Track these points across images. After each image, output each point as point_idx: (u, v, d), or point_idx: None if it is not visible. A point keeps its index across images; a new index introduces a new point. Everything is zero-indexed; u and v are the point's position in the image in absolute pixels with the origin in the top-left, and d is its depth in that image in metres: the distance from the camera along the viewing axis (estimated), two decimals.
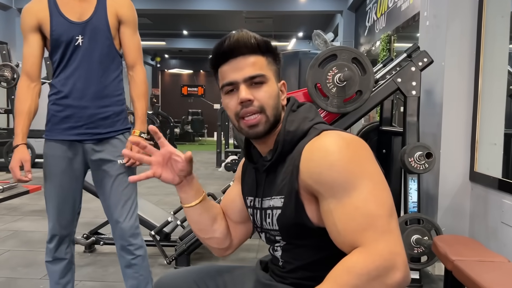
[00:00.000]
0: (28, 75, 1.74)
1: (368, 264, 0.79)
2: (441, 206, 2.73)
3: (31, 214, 4.13)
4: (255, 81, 0.97)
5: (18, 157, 1.69)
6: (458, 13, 2.68)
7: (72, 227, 1.85)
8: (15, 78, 5.42)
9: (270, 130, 1.00)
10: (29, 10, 1.71)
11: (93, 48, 1.69)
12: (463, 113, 2.70)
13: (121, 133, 1.78)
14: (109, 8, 1.72)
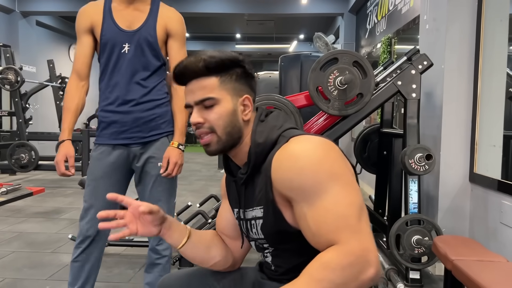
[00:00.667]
0: (78, 74, 1.81)
1: (343, 259, 0.82)
2: (442, 207, 2.77)
3: (35, 216, 4.16)
4: (205, 104, 1.01)
5: (63, 152, 1.75)
6: (457, 17, 2.71)
7: (104, 230, 1.81)
8: (18, 81, 5.46)
9: (227, 147, 1.04)
10: (85, 12, 1.77)
11: (138, 56, 1.74)
12: (463, 115, 2.73)
13: (165, 135, 1.82)
14: (159, 21, 1.76)
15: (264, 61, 14.33)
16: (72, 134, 1.80)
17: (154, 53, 1.76)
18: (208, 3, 7.09)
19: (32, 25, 7.76)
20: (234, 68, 1.03)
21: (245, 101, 1.04)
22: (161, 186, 1.80)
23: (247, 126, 1.05)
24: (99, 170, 1.78)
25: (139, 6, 1.76)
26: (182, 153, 1.78)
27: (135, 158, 1.80)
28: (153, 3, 1.78)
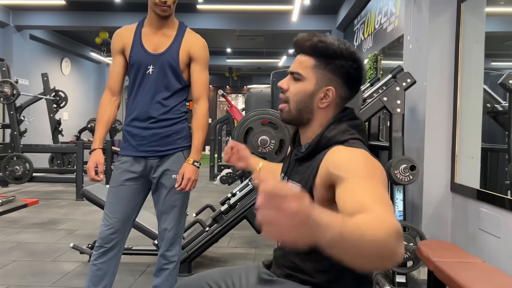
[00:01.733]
0: (111, 90, 2.00)
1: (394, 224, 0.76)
2: (425, 214, 2.95)
3: (32, 226, 4.24)
4: (294, 76, 1.15)
5: (94, 159, 1.93)
6: (438, 38, 2.93)
7: (125, 235, 1.98)
8: (14, 94, 5.55)
9: (293, 121, 1.18)
10: (119, 35, 1.97)
11: (161, 77, 1.90)
12: (444, 128, 2.93)
13: (180, 150, 1.97)
14: (183, 46, 1.92)
15: (254, 75, 14.56)
16: (66, 146, 1.97)
17: (175, 75, 1.92)
18: (201, 19, 7.29)
19: (26, 39, 7.87)
20: (335, 59, 1.11)
21: (327, 92, 1.12)
22: (174, 197, 1.95)
23: (321, 113, 1.14)
24: (120, 178, 1.93)
25: (166, 31, 1.93)
26: (196, 170, 1.94)
27: (152, 169, 1.95)
28: (179, 29, 1.96)
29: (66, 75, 9.79)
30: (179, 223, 2.00)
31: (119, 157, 1.99)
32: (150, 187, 2.02)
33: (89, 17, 7.46)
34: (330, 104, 1.14)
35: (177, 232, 1.99)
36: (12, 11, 7.33)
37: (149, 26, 1.94)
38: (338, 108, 1.16)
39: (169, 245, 1.98)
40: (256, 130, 2.64)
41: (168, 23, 1.94)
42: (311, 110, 1.14)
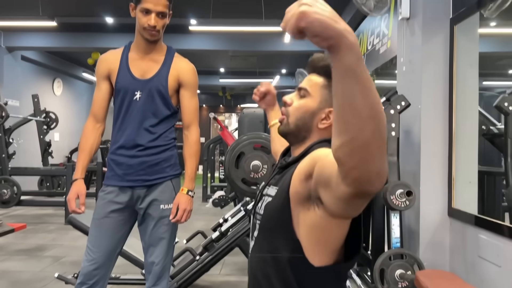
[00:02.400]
0: (95, 116, 1.92)
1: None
2: (423, 241, 2.86)
3: (18, 253, 4.10)
4: (300, 93, 1.15)
5: (75, 189, 1.83)
6: (431, 60, 2.90)
7: (108, 270, 1.88)
8: (3, 116, 5.46)
9: (289, 136, 1.17)
10: (104, 60, 1.90)
11: (149, 104, 1.84)
12: (440, 152, 2.88)
13: (169, 178, 1.89)
14: (172, 71, 1.87)
15: (248, 94, 14.58)
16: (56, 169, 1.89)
17: (164, 101, 1.86)
18: (193, 40, 7.29)
19: (17, 60, 7.81)
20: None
21: (329, 114, 1.12)
22: (162, 228, 1.86)
23: (317, 134, 1.13)
24: (105, 209, 1.84)
25: (154, 56, 1.87)
26: (191, 199, 1.87)
27: (138, 199, 1.86)
28: (168, 54, 1.90)
29: (58, 96, 9.72)
30: (167, 256, 1.91)
31: (103, 187, 1.90)
32: (136, 218, 1.93)
33: (81, 38, 7.43)
34: (328, 126, 1.12)
35: (164, 265, 1.89)
36: (4, 33, 7.29)
37: (137, 50, 1.88)
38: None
39: (156, 279, 1.88)
40: (248, 154, 2.57)
41: (156, 47, 1.88)
42: (309, 129, 1.13)
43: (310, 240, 1.01)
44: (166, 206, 1.86)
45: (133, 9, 1.82)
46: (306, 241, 1.01)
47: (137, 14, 1.80)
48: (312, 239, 1.01)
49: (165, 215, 1.87)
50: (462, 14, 2.74)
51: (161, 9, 1.78)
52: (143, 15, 1.78)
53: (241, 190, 2.59)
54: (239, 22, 6.50)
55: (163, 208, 1.86)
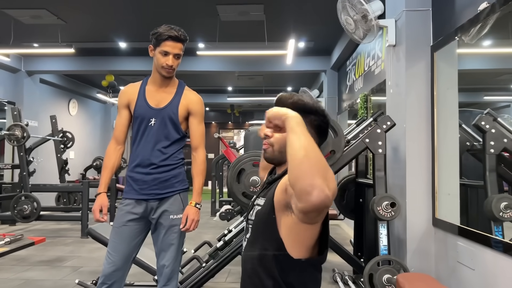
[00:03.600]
0: (116, 139, 2.28)
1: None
2: (410, 248, 3.12)
3: (39, 264, 4.42)
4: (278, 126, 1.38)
5: (99, 202, 2.17)
6: (414, 84, 3.20)
7: (125, 274, 2.19)
8: (24, 137, 5.84)
9: (275, 161, 1.43)
10: (125, 92, 2.27)
11: (162, 129, 2.18)
12: (424, 167, 3.15)
13: (178, 192, 2.22)
14: (182, 102, 2.22)
15: (255, 111, 14.94)
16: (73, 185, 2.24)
17: (175, 127, 2.20)
18: (201, 62, 7.69)
19: (36, 83, 8.27)
20: (310, 114, 1.36)
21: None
22: (172, 235, 2.18)
23: None
24: (123, 219, 2.16)
25: (167, 89, 2.23)
26: (198, 211, 2.19)
27: (152, 210, 2.18)
28: (179, 87, 2.26)
29: (73, 115, 10.16)
30: (176, 259, 2.21)
31: (122, 199, 2.23)
32: (149, 227, 2.24)
33: (96, 62, 7.88)
34: None
35: (174, 268, 2.19)
36: (24, 58, 7.76)
37: (153, 84, 2.23)
38: None
39: (166, 280, 2.18)
40: (248, 171, 2.87)
41: (170, 82, 2.24)
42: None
43: (290, 239, 1.30)
44: (175, 216, 2.18)
45: (152, 50, 2.17)
46: (287, 240, 1.30)
47: (156, 55, 2.15)
48: (291, 239, 1.30)
49: (174, 224, 2.18)
50: (441, 41, 3.05)
51: (177, 52, 2.14)
52: (162, 56, 2.13)
53: (242, 202, 2.89)
54: (243, 46, 6.88)
55: (173, 218, 2.17)
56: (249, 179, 2.86)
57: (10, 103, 7.51)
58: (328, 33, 6.48)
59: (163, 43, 2.11)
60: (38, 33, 6.56)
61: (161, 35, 2.11)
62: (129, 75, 8.97)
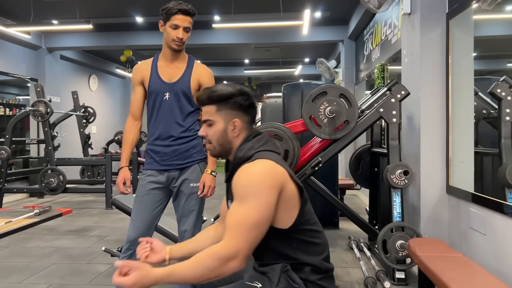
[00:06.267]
0: (133, 115, 2.38)
1: (224, 251, 1.28)
2: (423, 215, 3.18)
3: (68, 233, 4.66)
4: (207, 123, 1.52)
5: (122, 175, 2.31)
6: (429, 52, 3.18)
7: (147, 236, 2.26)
8: (48, 113, 6.02)
9: (221, 154, 1.55)
10: (138, 68, 2.36)
11: (176, 102, 2.27)
12: (438, 135, 3.17)
13: (197, 162, 2.33)
14: (193, 75, 2.30)
15: (273, 83, 14.91)
16: (96, 159, 2.36)
17: (188, 100, 2.28)
18: (217, 35, 7.68)
19: (57, 59, 8.43)
20: (229, 100, 1.49)
21: (234, 124, 1.49)
22: (192, 202, 2.30)
23: (237, 140, 1.51)
24: (146, 188, 2.29)
25: (178, 64, 2.30)
26: (214, 178, 2.30)
27: (173, 180, 2.30)
28: (189, 61, 2.33)
29: (94, 91, 10.36)
30: (196, 225, 2.33)
31: (144, 171, 2.35)
32: (170, 195, 2.36)
33: (114, 37, 7.96)
34: (240, 131, 1.52)
35: (194, 232, 2.32)
36: (44, 35, 7.89)
37: (164, 59, 2.31)
38: (247, 131, 1.53)
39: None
40: None
41: (180, 56, 2.30)
42: (229, 142, 1.53)
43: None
44: (195, 184, 2.29)
45: (162, 25, 2.23)
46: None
47: (166, 29, 2.22)
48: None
49: (194, 191, 2.29)
50: (456, 8, 3.01)
51: (187, 25, 2.21)
52: (172, 30, 2.19)
53: None
54: (258, 17, 6.83)
55: (193, 186, 2.29)
56: None
57: (33, 80, 7.71)
58: (344, 2, 6.39)
59: (173, 17, 2.17)
60: (57, 10, 6.66)
61: (171, 10, 2.17)
62: (146, 49, 9.04)
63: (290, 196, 1.41)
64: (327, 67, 7.55)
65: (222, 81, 17.79)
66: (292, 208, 1.42)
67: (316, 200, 4.20)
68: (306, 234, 1.45)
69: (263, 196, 1.34)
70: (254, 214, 1.32)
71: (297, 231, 1.44)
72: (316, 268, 1.45)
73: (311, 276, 1.45)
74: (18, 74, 7.49)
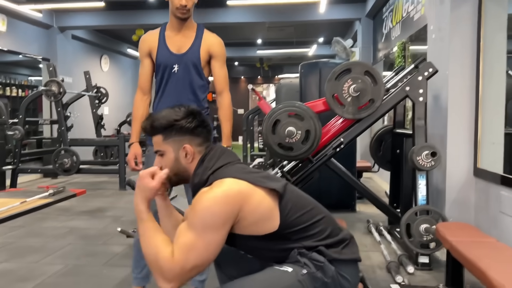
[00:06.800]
0: (142, 89, 2.27)
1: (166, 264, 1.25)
2: (449, 199, 3.07)
3: (82, 214, 4.63)
4: (159, 154, 1.45)
5: (133, 152, 2.24)
6: (459, 28, 3.02)
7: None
8: (61, 92, 5.95)
9: (181, 181, 1.48)
10: (145, 40, 2.23)
11: (185, 75, 2.15)
12: (466, 115, 3.03)
13: None
14: (203, 45, 2.17)
15: (285, 64, 14.68)
16: (109, 140, 2.28)
17: (197, 72, 2.16)
18: (230, 14, 7.50)
19: (68, 39, 8.33)
20: (172, 126, 1.40)
21: (185, 150, 1.41)
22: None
23: (193, 165, 1.43)
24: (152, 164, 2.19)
25: (186, 33, 2.17)
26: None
27: None
28: (198, 30, 2.19)
29: (105, 71, 10.27)
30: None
31: (149, 147, 2.24)
32: None
33: (126, 16, 7.82)
34: (194, 156, 1.43)
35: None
36: (56, 14, 7.78)
37: (171, 29, 2.18)
38: (201, 154, 1.44)
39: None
40: (283, 121, 2.82)
41: (188, 25, 2.17)
42: (185, 169, 1.44)
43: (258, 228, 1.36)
44: None
45: None
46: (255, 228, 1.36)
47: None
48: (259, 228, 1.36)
49: None
50: None
51: None
52: None
53: (278, 154, 2.87)
54: None
55: None
56: (284, 130, 2.81)
57: (44, 60, 7.64)
58: None
59: None
60: None
61: None
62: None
63: (257, 205, 1.33)
64: (343, 47, 7.32)
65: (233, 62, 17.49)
66: (269, 212, 1.34)
67: (332, 182, 4.14)
68: (301, 222, 1.38)
69: (211, 223, 1.27)
70: (198, 249, 1.26)
71: (289, 225, 1.36)
72: (329, 245, 1.39)
73: (328, 252, 1.38)
74: (30, 54, 7.41)
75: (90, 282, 2.75)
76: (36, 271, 2.89)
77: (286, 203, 1.37)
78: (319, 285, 1.35)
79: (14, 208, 2.62)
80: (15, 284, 2.67)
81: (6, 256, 3.20)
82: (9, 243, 3.53)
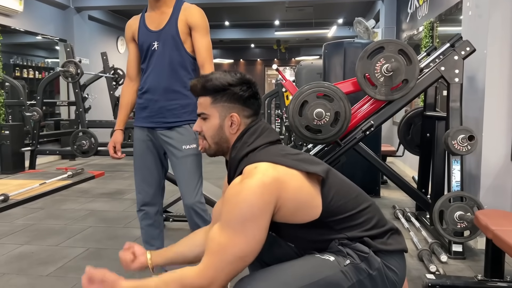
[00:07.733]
0: (128, 76, 2.22)
1: (194, 281, 1.13)
2: (484, 185, 2.92)
3: (101, 196, 4.59)
4: (202, 117, 1.35)
5: (112, 140, 2.21)
6: (499, 4, 2.82)
7: (157, 199, 2.25)
8: (78, 73, 5.90)
9: (218, 153, 1.37)
10: (128, 25, 2.18)
11: (165, 51, 2.05)
12: (505, 98, 2.86)
13: (187, 123, 2.10)
14: (181, 17, 2.05)
15: (302, 46, 14.42)
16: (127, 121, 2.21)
17: (177, 46, 2.04)
18: None
19: (85, 20, 8.23)
20: (226, 91, 1.30)
21: (232, 119, 1.31)
22: (186, 166, 2.10)
23: (233, 137, 1.33)
24: (137, 149, 2.18)
25: (164, 9, 2.07)
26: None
27: (161, 138, 2.12)
28: (176, 4, 2.08)
29: (122, 53, 10.19)
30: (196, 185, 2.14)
31: (134, 128, 2.19)
32: (163, 155, 2.21)
33: None
34: (239, 127, 1.31)
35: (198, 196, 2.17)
36: None
37: (150, 9, 2.10)
38: (243, 126, 1.33)
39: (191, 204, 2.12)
40: (311, 103, 2.69)
41: (165, 1, 2.06)
42: (226, 139, 1.33)
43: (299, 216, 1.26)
44: (188, 146, 2.07)
45: None
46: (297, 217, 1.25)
47: None
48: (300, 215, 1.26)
49: (187, 154, 2.08)
50: None
51: None
52: None
53: (305, 137, 2.75)
54: None
55: (185, 148, 2.07)
56: (312, 112, 2.69)
57: (61, 41, 7.57)
58: None
59: None
60: None
61: None
62: None
63: (296, 191, 1.21)
64: (366, 27, 7.12)
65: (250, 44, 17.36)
66: (310, 198, 1.23)
67: (356, 167, 4.01)
68: (345, 209, 1.27)
69: (248, 216, 1.15)
70: (234, 242, 1.14)
71: (332, 213, 1.25)
72: (374, 236, 1.29)
73: (373, 243, 1.27)
74: (47, 35, 7.34)
75: (112, 266, 2.69)
76: (57, 254, 2.85)
77: (329, 189, 1.26)
78: (363, 277, 1.25)
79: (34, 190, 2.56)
80: (37, 267, 2.63)
81: (28, 238, 3.17)
82: (29, 225, 3.50)
